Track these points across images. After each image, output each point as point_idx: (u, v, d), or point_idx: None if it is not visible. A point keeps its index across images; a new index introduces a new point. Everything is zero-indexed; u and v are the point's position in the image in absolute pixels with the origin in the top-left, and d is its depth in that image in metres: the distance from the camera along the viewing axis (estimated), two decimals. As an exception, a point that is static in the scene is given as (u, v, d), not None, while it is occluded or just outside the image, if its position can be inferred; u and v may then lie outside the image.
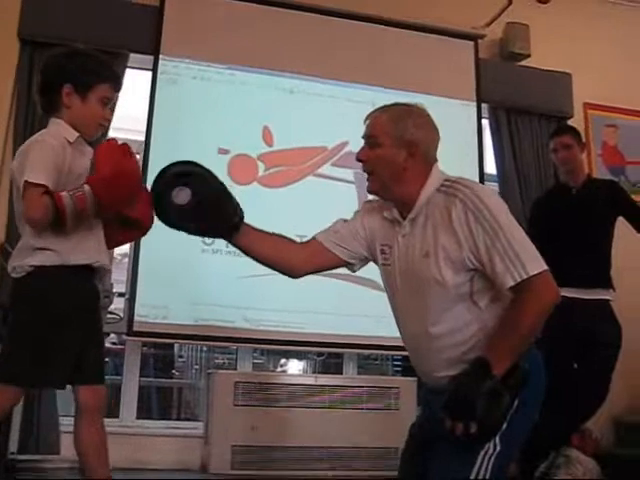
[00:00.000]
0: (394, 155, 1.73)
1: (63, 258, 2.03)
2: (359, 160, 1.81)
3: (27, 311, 2.03)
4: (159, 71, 4.06)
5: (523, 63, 4.78)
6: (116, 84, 2.23)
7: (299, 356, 4.89)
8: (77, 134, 2.11)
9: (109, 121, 2.27)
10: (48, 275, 2.03)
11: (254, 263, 2.07)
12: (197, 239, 3.89)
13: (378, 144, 1.74)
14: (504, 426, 1.56)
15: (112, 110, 2.42)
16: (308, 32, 4.39)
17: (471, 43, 4.71)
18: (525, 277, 1.57)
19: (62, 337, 2.02)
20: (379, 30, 4.51)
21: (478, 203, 1.62)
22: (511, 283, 1.57)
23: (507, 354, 1.56)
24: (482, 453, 1.57)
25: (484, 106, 4.66)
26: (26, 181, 1.91)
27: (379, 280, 1.92)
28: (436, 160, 1.79)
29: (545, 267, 1.60)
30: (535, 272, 1.58)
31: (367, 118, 1.81)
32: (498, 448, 1.57)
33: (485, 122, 4.71)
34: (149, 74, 4.08)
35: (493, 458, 1.57)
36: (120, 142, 2.01)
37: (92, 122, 2.17)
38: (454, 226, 1.63)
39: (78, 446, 2.11)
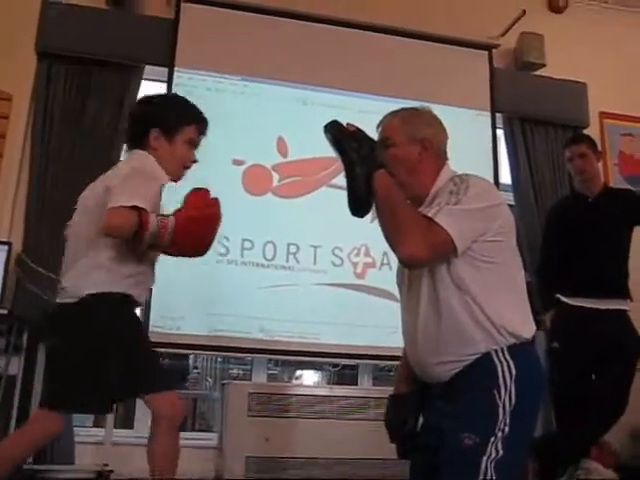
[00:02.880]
0: (409, 152, 1.83)
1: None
2: None
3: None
4: (174, 83, 4.09)
5: (538, 73, 4.76)
6: (202, 126, 2.28)
7: (314, 367, 4.89)
8: (169, 178, 2.19)
9: (194, 162, 2.30)
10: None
11: (269, 274, 2.12)
12: (212, 249, 3.91)
13: (393, 144, 1.84)
14: (506, 430, 1.58)
15: None
16: (322, 43, 4.41)
17: (485, 53, 4.71)
18: (431, 217, 1.65)
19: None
20: (393, 41, 4.52)
21: (463, 185, 1.71)
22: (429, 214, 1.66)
23: (385, 190, 1.71)
24: (485, 458, 1.57)
25: (499, 116, 4.65)
26: (131, 205, 1.94)
27: (393, 290, 1.93)
28: (447, 158, 1.89)
29: (446, 231, 1.63)
30: (440, 222, 1.63)
31: (379, 125, 1.91)
32: (501, 453, 1.57)
33: (500, 132, 4.70)
34: (164, 86, 4.11)
35: (496, 463, 1.57)
36: (212, 196, 2.09)
37: (179, 164, 2.23)
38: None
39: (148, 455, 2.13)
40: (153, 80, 4.22)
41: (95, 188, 2.18)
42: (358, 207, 1.78)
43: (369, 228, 4.18)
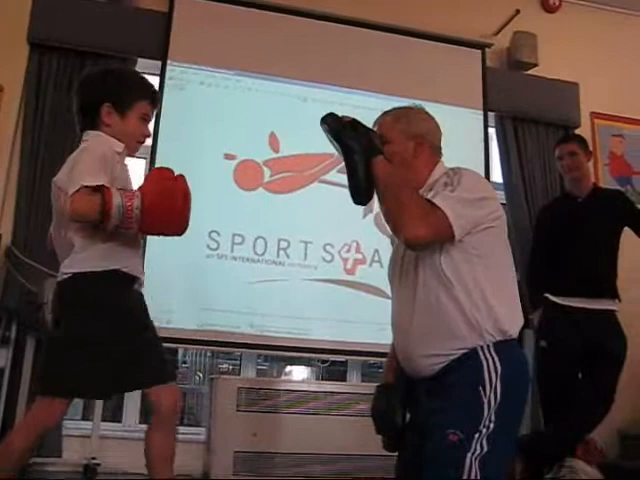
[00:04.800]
0: (404, 148, 1.86)
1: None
2: None
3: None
4: (167, 76, 4.08)
5: (530, 72, 4.77)
6: (154, 100, 2.23)
7: (303, 363, 4.89)
8: (123, 145, 2.12)
9: (148, 137, 2.24)
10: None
11: (259, 269, 2.10)
12: (203, 243, 3.92)
13: (388, 141, 1.86)
14: (491, 427, 1.60)
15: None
16: (315, 39, 4.40)
17: (478, 52, 4.71)
18: (432, 199, 1.67)
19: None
20: (387, 38, 4.52)
21: (456, 176, 1.73)
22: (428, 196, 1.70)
23: (386, 174, 1.74)
24: (469, 455, 1.58)
25: (491, 115, 4.66)
26: (81, 186, 1.86)
27: (383, 287, 1.94)
28: (441, 154, 1.92)
29: (445, 213, 1.65)
30: (439, 204, 1.66)
31: (374, 124, 1.93)
32: (485, 449, 1.59)
33: (492, 131, 4.71)
34: (157, 79, 4.09)
35: (481, 459, 1.58)
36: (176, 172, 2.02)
37: (132, 139, 2.16)
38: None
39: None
40: (146, 73, 4.15)
41: (57, 178, 2.11)
42: (360, 194, 1.80)
43: (360, 225, 4.24)
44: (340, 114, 1.84)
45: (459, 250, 1.70)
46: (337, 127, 1.80)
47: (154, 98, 2.23)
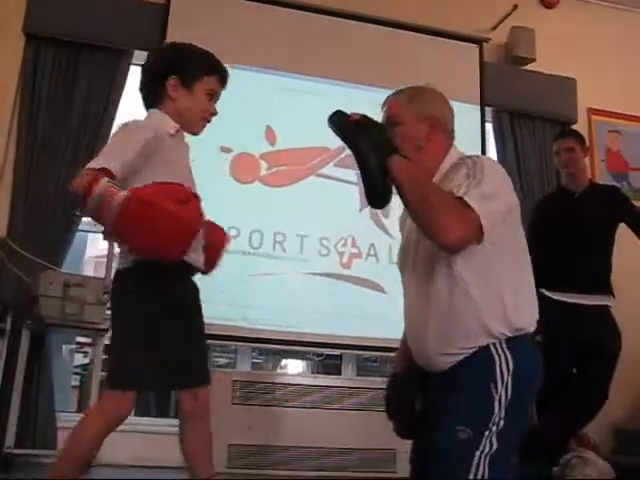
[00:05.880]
0: (417, 130, 1.77)
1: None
2: None
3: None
4: (163, 69, 4.06)
5: (528, 67, 4.77)
6: (223, 77, 2.15)
7: (298, 356, 4.89)
8: (177, 125, 2.04)
9: (214, 115, 2.17)
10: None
11: (255, 262, 2.07)
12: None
13: (400, 122, 1.78)
14: (500, 424, 1.57)
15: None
16: (312, 33, 4.39)
17: (476, 47, 4.72)
18: (464, 197, 1.57)
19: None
20: (385, 32, 4.51)
21: (479, 166, 1.65)
22: (457, 194, 1.58)
23: (408, 177, 1.60)
24: (478, 453, 1.56)
25: (488, 110, 4.66)
26: (88, 167, 1.75)
27: (379, 281, 1.93)
28: (454, 138, 1.84)
29: (478, 215, 1.57)
30: (473, 205, 1.56)
31: (384, 104, 1.86)
32: (495, 446, 1.57)
33: (489, 126, 4.71)
34: (153, 71, 4.08)
35: (490, 457, 1.56)
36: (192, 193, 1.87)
37: (197, 115, 2.10)
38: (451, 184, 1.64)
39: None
40: (142, 65, 4.19)
41: None
42: (377, 198, 1.67)
43: (356, 219, 4.24)
44: (349, 112, 1.72)
45: (477, 246, 1.62)
46: (345, 126, 1.68)
47: (223, 76, 2.15)
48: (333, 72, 4.36)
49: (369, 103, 1.93)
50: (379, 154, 1.63)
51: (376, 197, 1.67)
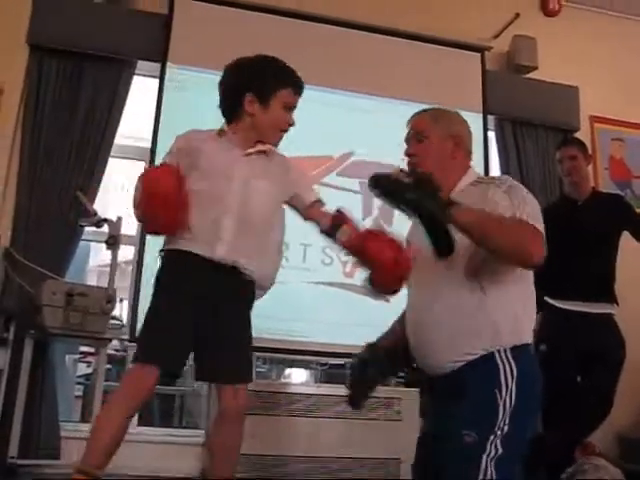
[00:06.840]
0: (442, 147, 1.86)
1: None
2: (408, 155, 1.90)
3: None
4: (166, 78, 4.08)
5: (530, 76, 4.78)
6: (297, 88, 2.20)
7: (303, 366, 4.88)
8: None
9: (292, 126, 2.23)
10: None
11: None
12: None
13: (426, 137, 1.87)
14: (505, 429, 1.61)
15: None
16: (314, 42, 4.40)
17: (478, 55, 4.73)
18: (526, 219, 1.69)
19: None
20: (387, 41, 4.53)
21: (513, 186, 1.79)
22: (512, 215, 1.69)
23: (474, 217, 1.64)
24: (484, 456, 1.59)
25: (490, 118, 4.66)
26: None
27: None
28: (471, 159, 1.94)
29: (541, 232, 1.74)
30: (535, 225, 1.72)
31: (409, 121, 1.94)
32: (500, 451, 1.60)
33: (491, 134, 4.71)
34: (156, 81, 4.10)
35: (496, 461, 1.59)
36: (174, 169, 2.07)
37: (275, 129, 2.17)
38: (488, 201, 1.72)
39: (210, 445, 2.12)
40: (145, 75, 4.21)
41: None
42: (450, 250, 1.67)
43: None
44: (395, 169, 1.68)
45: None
46: (397, 190, 1.63)
47: (297, 86, 2.20)
48: (336, 81, 4.35)
49: (372, 112, 1.95)
50: (442, 209, 1.62)
51: (448, 249, 1.67)
